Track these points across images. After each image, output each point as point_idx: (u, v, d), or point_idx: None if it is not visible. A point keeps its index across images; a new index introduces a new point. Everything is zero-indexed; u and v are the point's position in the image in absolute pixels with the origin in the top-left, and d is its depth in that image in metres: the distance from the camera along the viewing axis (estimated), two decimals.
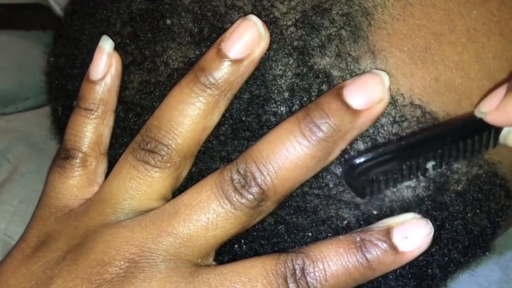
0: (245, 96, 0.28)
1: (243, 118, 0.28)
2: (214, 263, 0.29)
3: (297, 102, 0.28)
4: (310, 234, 0.29)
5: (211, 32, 0.28)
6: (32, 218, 0.31)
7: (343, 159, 0.28)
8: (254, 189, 0.27)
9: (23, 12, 0.46)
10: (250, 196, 0.27)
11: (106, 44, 0.30)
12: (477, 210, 0.29)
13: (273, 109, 0.28)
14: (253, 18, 0.27)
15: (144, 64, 0.29)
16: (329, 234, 0.29)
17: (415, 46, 0.28)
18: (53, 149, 0.37)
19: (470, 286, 0.34)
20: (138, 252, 0.27)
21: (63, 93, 0.33)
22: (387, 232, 0.27)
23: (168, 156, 0.28)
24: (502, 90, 0.26)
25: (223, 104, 0.28)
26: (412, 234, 0.27)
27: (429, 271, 0.30)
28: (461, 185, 0.29)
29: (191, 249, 0.27)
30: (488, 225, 0.30)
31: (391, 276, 0.30)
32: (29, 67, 0.44)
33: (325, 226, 0.29)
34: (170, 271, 0.27)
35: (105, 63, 0.30)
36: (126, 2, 0.30)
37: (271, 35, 0.28)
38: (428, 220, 0.27)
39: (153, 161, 0.28)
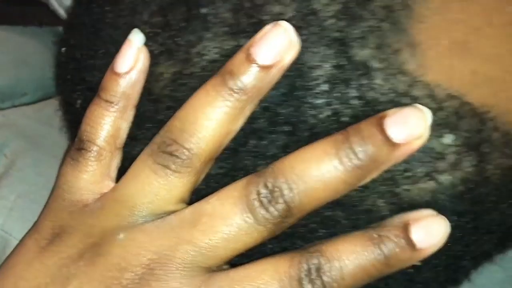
0: (282, 88, 0.28)
1: (281, 111, 0.28)
2: (226, 266, 0.28)
3: (337, 94, 0.27)
4: (346, 227, 0.28)
5: (248, 23, 0.28)
6: (45, 208, 0.31)
7: None
8: (281, 206, 0.26)
9: (20, 8, 0.46)
10: (276, 213, 0.27)
11: (136, 37, 0.29)
12: (511, 201, 0.29)
13: (311, 101, 0.27)
14: (285, 24, 0.27)
15: (177, 55, 0.29)
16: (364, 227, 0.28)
17: (453, 39, 0.28)
18: (50, 143, 0.37)
19: (472, 286, 0.34)
20: (155, 259, 0.27)
21: (81, 85, 0.32)
22: (405, 228, 0.27)
23: (189, 160, 0.27)
24: None
25: (249, 109, 0.27)
26: (429, 230, 0.27)
27: (464, 262, 0.30)
28: (496, 177, 0.29)
29: (208, 258, 0.27)
30: None
31: (424, 268, 0.29)
32: (26, 63, 0.44)
33: (362, 218, 0.28)
34: (184, 280, 0.27)
35: (133, 57, 0.29)
36: None
37: (311, 26, 0.27)
38: (445, 218, 0.27)
39: (173, 166, 0.28)
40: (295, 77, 0.27)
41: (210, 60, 0.28)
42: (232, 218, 0.27)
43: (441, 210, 0.28)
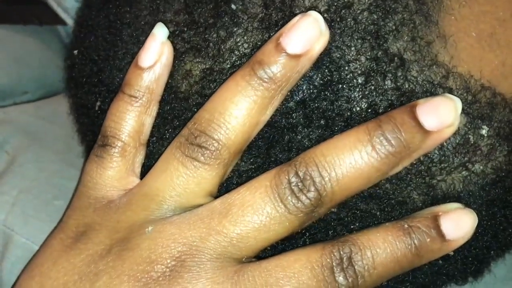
0: (318, 82, 0.28)
1: (317, 105, 0.28)
2: (255, 258, 0.28)
3: (372, 87, 0.27)
4: (379, 219, 0.29)
5: (279, 17, 0.28)
6: (69, 208, 0.31)
7: None
8: (312, 194, 0.26)
9: (20, 7, 0.46)
10: (307, 201, 0.27)
11: (160, 32, 0.29)
12: None
13: (347, 94, 0.27)
14: (314, 14, 0.27)
15: (207, 51, 0.29)
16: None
17: (481, 31, 0.28)
18: (51, 139, 0.37)
19: (475, 284, 0.34)
20: (185, 251, 0.27)
21: (100, 87, 0.32)
22: (435, 219, 0.27)
23: (218, 152, 0.27)
24: None
25: (278, 99, 0.27)
26: (458, 222, 0.27)
27: (492, 252, 0.30)
28: None
29: (239, 249, 0.27)
30: None
31: (455, 259, 0.30)
32: (27, 61, 0.44)
33: (396, 211, 0.28)
34: (216, 271, 0.27)
35: (157, 51, 0.29)
36: None
37: (345, 20, 0.27)
38: (473, 211, 0.27)
39: (202, 158, 0.27)
40: (330, 70, 0.27)
41: (241, 55, 0.28)
42: (262, 208, 0.27)
43: (473, 199, 0.29)
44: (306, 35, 0.27)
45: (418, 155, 0.27)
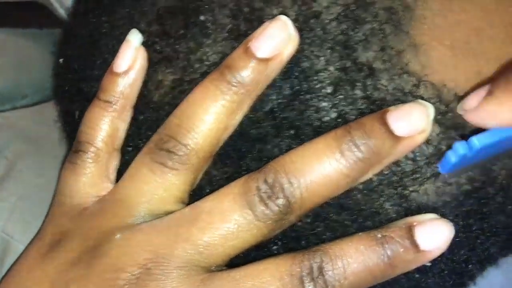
0: (287, 92, 0.28)
1: (286, 115, 0.28)
2: (225, 267, 0.28)
3: (341, 96, 0.27)
4: (352, 230, 0.28)
5: (248, 27, 0.28)
6: (46, 216, 0.31)
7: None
8: (281, 201, 0.26)
9: (21, 10, 0.46)
10: (276, 208, 0.26)
11: (134, 38, 0.29)
12: None
13: (316, 104, 0.27)
14: (283, 18, 0.27)
15: (177, 62, 0.29)
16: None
17: (455, 40, 0.28)
18: (51, 145, 0.36)
19: None
20: (152, 258, 0.27)
21: (79, 96, 0.32)
22: (409, 230, 0.26)
23: (186, 157, 0.27)
24: (484, 90, 0.26)
25: (247, 104, 0.27)
26: (433, 233, 0.26)
27: (470, 266, 0.30)
28: (501, 177, 0.29)
29: (207, 257, 0.27)
30: None
31: (431, 272, 0.29)
32: (26, 65, 0.44)
33: (369, 221, 0.28)
34: (182, 279, 0.26)
35: (131, 57, 0.29)
36: (151, 0, 0.30)
37: (312, 30, 0.27)
38: (449, 222, 0.27)
39: (170, 163, 0.27)
40: (299, 80, 0.27)
41: (211, 66, 0.28)
42: (230, 215, 0.26)
43: (448, 210, 0.28)
44: (275, 39, 0.27)
45: (389, 161, 0.27)
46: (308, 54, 0.27)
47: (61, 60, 0.34)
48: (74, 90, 0.33)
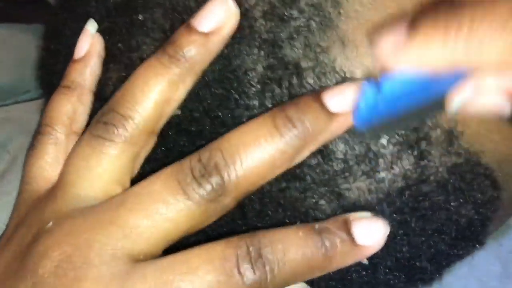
0: (219, 91, 0.28)
1: (218, 114, 0.28)
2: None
3: (269, 94, 0.27)
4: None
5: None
6: (13, 207, 0.31)
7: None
8: (214, 179, 0.25)
9: (23, 6, 0.46)
10: (209, 186, 0.25)
11: (90, 26, 0.30)
12: (461, 200, 0.29)
13: (246, 103, 0.27)
14: None
15: (121, 60, 0.29)
16: None
17: None
18: None
19: (469, 280, 0.33)
20: (75, 244, 0.25)
21: (49, 88, 0.33)
22: (345, 223, 0.26)
23: (123, 127, 0.27)
24: (401, 29, 0.23)
25: (190, 78, 0.27)
26: (369, 229, 0.26)
27: (417, 263, 0.30)
28: (440, 174, 0.29)
29: (134, 242, 0.25)
30: (476, 217, 0.30)
31: (379, 269, 0.29)
32: (29, 60, 0.43)
33: (307, 219, 0.28)
34: (103, 269, 0.25)
35: (87, 43, 0.30)
36: None
37: (241, 28, 0.27)
38: (384, 219, 0.27)
39: (107, 134, 0.27)
40: (229, 79, 0.28)
41: None
42: (160, 195, 0.25)
43: (382, 207, 0.28)
44: (216, 14, 0.27)
45: (325, 138, 0.26)
46: (237, 53, 0.28)
47: (41, 52, 0.35)
48: (46, 83, 0.34)
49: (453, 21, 0.22)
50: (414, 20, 0.23)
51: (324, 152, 0.28)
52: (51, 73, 0.33)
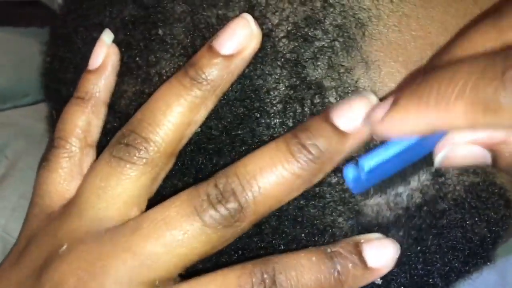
0: (240, 110, 0.28)
1: (238, 132, 0.28)
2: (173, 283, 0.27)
3: (291, 114, 0.27)
4: (306, 245, 0.28)
5: (203, 44, 0.28)
6: (24, 219, 0.30)
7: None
8: (231, 205, 0.25)
9: (22, 9, 0.46)
10: (226, 212, 0.25)
11: (106, 37, 0.30)
12: (476, 219, 0.29)
13: (267, 122, 0.27)
14: (246, 15, 0.27)
15: (138, 74, 0.29)
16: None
17: (410, 56, 0.28)
18: None
19: None
20: (90, 270, 0.25)
21: (56, 97, 0.32)
22: (357, 246, 0.26)
23: (144, 150, 0.27)
24: (389, 101, 0.25)
25: (211, 101, 0.27)
26: (380, 251, 0.26)
27: (430, 280, 0.30)
28: (457, 193, 0.29)
29: (150, 269, 0.25)
30: (488, 235, 0.30)
31: (392, 286, 0.29)
32: (28, 64, 0.43)
33: (322, 236, 0.28)
34: None
35: (103, 54, 0.29)
36: (118, 7, 0.30)
37: (264, 48, 0.27)
38: (395, 241, 0.27)
39: (128, 157, 0.27)
40: (250, 98, 0.28)
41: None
42: (176, 221, 0.25)
43: (399, 224, 0.28)
44: (238, 36, 0.27)
45: (341, 157, 0.26)
46: (259, 72, 0.27)
47: (48, 59, 0.35)
48: (53, 91, 0.33)
49: (424, 92, 0.23)
50: (398, 94, 0.24)
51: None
52: (59, 81, 0.32)
